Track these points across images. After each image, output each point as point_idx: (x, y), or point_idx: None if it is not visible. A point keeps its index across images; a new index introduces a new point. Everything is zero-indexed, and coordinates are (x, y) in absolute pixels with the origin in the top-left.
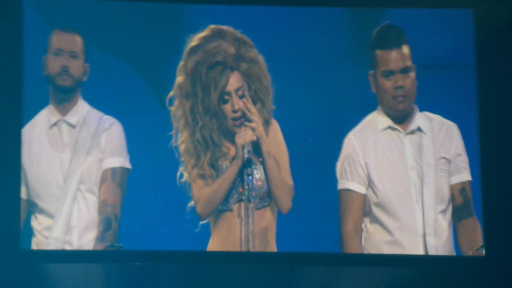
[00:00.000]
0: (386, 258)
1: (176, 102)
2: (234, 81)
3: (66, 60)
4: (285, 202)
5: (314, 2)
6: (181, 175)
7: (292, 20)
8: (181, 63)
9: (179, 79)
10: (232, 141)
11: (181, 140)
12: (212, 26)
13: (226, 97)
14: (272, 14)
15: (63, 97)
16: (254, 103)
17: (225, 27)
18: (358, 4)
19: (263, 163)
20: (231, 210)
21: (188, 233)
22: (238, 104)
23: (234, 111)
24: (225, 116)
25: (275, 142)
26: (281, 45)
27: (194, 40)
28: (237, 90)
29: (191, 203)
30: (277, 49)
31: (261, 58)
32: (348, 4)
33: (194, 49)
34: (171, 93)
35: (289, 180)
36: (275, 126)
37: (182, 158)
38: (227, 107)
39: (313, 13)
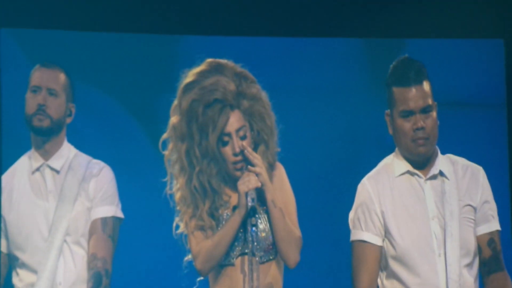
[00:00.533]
0: None
1: (170, 145)
2: (234, 121)
3: (43, 99)
4: (292, 255)
5: (324, 33)
6: (177, 226)
7: (298, 52)
8: (175, 101)
9: (173, 119)
10: (234, 188)
11: (176, 187)
12: (209, 60)
13: (226, 138)
14: (275, 46)
15: (44, 141)
16: (257, 145)
17: (224, 61)
18: (375, 34)
19: (267, 212)
20: (233, 264)
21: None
22: (239, 146)
23: (235, 154)
24: (224, 160)
25: (281, 188)
26: (287, 80)
27: (189, 76)
28: (238, 130)
29: (188, 257)
30: (281, 84)
31: (264, 95)
32: (364, 35)
33: (189, 86)
34: (165, 135)
35: (297, 231)
36: (280, 170)
37: (178, 208)
38: (227, 150)
39: (322, 44)
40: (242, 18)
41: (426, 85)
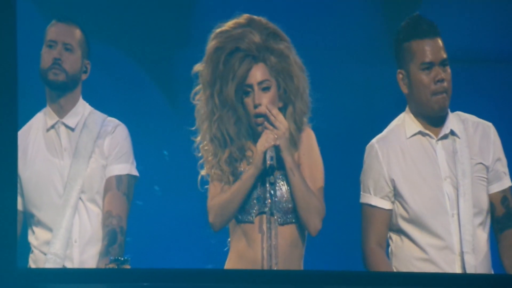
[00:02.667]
0: (420, 277)
1: (198, 94)
2: (257, 73)
3: (59, 53)
4: (313, 223)
5: None
6: (203, 180)
7: (314, 10)
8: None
9: (200, 66)
10: (256, 142)
11: (199, 136)
12: (245, 15)
13: (248, 89)
14: (289, 3)
15: (59, 95)
16: (286, 105)
17: (258, 17)
18: None
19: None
20: (252, 222)
21: (202, 248)
22: (260, 99)
23: (255, 106)
24: (247, 112)
25: (308, 155)
26: (301, 39)
27: (222, 26)
28: (260, 83)
29: None
30: (296, 43)
31: (294, 55)
32: None
33: (218, 34)
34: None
35: (319, 201)
36: (309, 136)
37: (200, 155)
38: (249, 101)
39: (339, 3)
40: None
41: (440, 40)
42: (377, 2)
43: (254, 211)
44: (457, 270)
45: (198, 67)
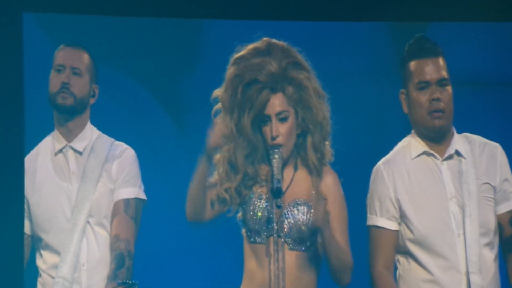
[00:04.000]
0: None
1: (220, 114)
2: (275, 104)
3: (67, 77)
4: (344, 280)
5: (348, 17)
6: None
7: (325, 36)
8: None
9: (219, 91)
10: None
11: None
12: (266, 38)
13: (266, 119)
14: (300, 30)
15: (67, 119)
16: (305, 133)
17: (279, 43)
18: (399, 19)
19: (307, 205)
20: (262, 243)
21: (210, 272)
22: (277, 130)
23: (272, 138)
24: (264, 140)
25: (337, 204)
26: (312, 64)
27: (242, 50)
28: (278, 114)
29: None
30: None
31: (314, 84)
32: (388, 19)
33: (237, 60)
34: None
35: (350, 255)
36: (335, 180)
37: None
38: (267, 131)
39: (348, 28)
40: (264, 2)
41: (441, 60)
42: (385, 28)
43: (265, 233)
44: None
45: (217, 92)
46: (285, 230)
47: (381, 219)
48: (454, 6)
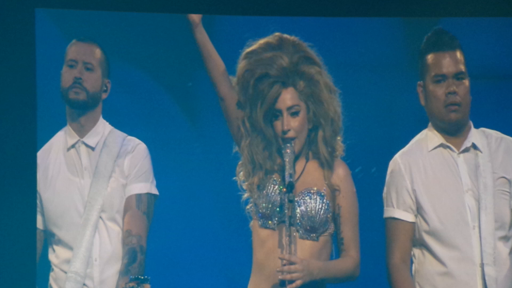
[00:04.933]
0: None
1: None
2: (287, 98)
3: (79, 72)
4: (352, 278)
5: (359, 13)
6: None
7: (340, 31)
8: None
9: (234, 82)
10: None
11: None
12: (277, 33)
13: (277, 113)
14: (314, 25)
15: (79, 114)
16: (316, 128)
17: (290, 37)
18: (413, 14)
19: (319, 194)
20: (273, 229)
21: (222, 267)
22: (288, 124)
23: (284, 132)
24: (276, 134)
25: (348, 198)
26: (326, 58)
27: (254, 45)
28: (289, 108)
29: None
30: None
31: (325, 79)
32: (402, 14)
33: (248, 54)
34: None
35: (352, 264)
36: (347, 174)
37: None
38: (278, 125)
39: (362, 24)
40: None
41: (459, 53)
42: (397, 22)
43: (276, 218)
44: (478, 282)
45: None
46: (297, 218)
47: (397, 210)
48: (466, 1)
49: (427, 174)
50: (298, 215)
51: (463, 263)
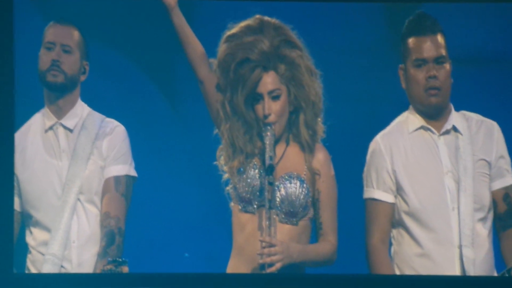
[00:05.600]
0: (418, 280)
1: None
2: (268, 82)
3: (57, 55)
4: (330, 261)
5: None
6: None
7: (320, 16)
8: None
9: (214, 64)
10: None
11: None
12: (258, 16)
13: (258, 97)
14: (295, 10)
15: (57, 97)
16: (297, 111)
17: (271, 20)
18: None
19: (299, 179)
20: (253, 213)
21: (201, 249)
22: (270, 108)
23: (265, 116)
24: (257, 118)
25: (328, 183)
26: (307, 43)
27: (235, 28)
28: (270, 92)
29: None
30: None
31: (306, 62)
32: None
33: (229, 38)
34: None
35: (330, 248)
36: (327, 158)
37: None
38: (259, 108)
39: (344, 9)
40: None
41: (440, 37)
42: (381, 6)
43: (256, 202)
44: (456, 263)
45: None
46: (277, 202)
47: (377, 191)
48: None
49: (408, 155)
50: (278, 199)
51: (442, 245)
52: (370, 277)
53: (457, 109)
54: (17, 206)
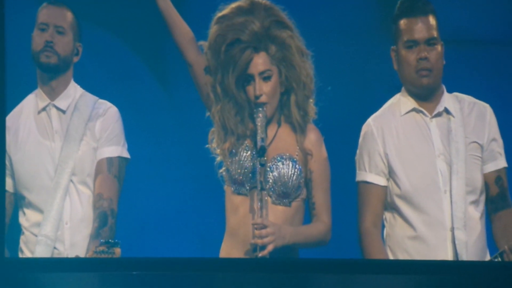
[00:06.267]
0: (411, 264)
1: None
2: (259, 63)
3: (51, 36)
4: (324, 242)
5: None
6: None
7: None
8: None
9: (205, 46)
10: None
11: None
12: None
13: (249, 78)
14: None
15: (50, 78)
16: (288, 92)
17: (263, 0)
18: None
19: (292, 160)
20: (246, 195)
21: (194, 229)
22: (261, 89)
23: (256, 97)
24: (249, 99)
25: (320, 163)
26: (296, 20)
27: (225, 9)
28: (261, 73)
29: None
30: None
31: (297, 42)
32: None
33: (220, 19)
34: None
35: (323, 229)
36: (319, 139)
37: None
38: (250, 89)
39: None
40: None
41: (432, 19)
42: None
43: (249, 184)
44: (448, 246)
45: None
46: (270, 183)
47: (370, 174)
48: None
49: (400, 138)
50: (270, 180)
51: (434, 227)
52: (363, 262)
53: (450, 90)
54: (10, 187)
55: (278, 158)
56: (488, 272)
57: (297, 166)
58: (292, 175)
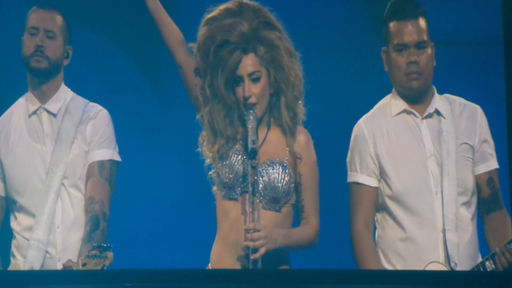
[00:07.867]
0: (405, 275)
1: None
2: (247, 65)
3: (41, 40)
4: (312, 245)
5: None
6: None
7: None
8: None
9: (195, 48)
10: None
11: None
12: None
13: (238, 80)
14: None
15: (41, 82)
16: (278, 94)
17: (251, 3)
18: None
19: (282, 165)
20: (236, 199)
21: (185, 233)
22: (250, 90)
23: (245, 98)
24: (238, 100)
25: (310, 166)
26: (286, 22)
27: (214, 11)
28: (250, 74)
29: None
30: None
31: (286, 44)
32: None
33: (209, 21)
34: None
35: (312, 232)
36: (309, 142)
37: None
38: (240, 91)
39: None
40: None
41: (422, 22)
42: None
43: (239, 189)
44: (440, 247)
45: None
46: (260, 188)
47: (361, 175)
48: None
49: (391, 139)
50: (261, 185)
51: (425, 229)
52: (356, 272)
53: (441, 92)
54: (1, 191)
55: (268, 162)
56: (482, 283)
57: (287, 171)
58: (282, 180)
